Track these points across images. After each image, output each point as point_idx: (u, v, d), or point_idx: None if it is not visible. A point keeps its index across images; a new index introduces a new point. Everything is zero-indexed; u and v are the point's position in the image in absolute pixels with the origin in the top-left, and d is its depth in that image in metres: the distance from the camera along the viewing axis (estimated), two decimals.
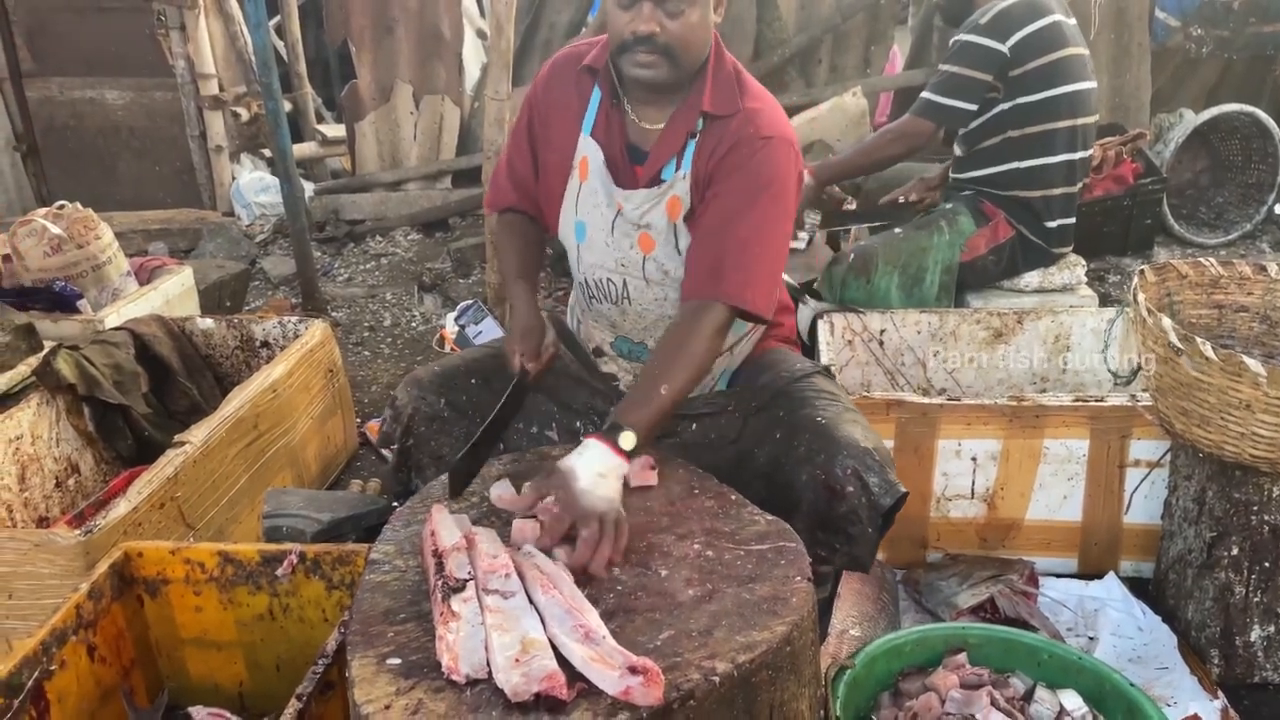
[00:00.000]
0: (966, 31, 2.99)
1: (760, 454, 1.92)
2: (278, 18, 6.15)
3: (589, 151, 1.96)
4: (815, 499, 1.79)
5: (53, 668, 1.62)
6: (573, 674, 1.25)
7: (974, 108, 3.01)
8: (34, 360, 2.61)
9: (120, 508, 2.04)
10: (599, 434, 1.64)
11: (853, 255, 3.15)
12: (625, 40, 1.81)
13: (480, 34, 6.73)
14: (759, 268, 1.82)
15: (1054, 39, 2.96)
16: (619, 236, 1.96)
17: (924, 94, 3.07)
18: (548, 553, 1.51)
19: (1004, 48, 2.92)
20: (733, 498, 1.72)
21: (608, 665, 1.23)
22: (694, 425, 2.01)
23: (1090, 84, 3.06)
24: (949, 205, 3.19)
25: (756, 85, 1.95)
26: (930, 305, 3.11)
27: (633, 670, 1.21)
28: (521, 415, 2.03)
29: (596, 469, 1.58)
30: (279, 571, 1.84)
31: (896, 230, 3.21)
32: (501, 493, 1.69)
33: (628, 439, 1.62)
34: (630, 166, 1.95)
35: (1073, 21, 3.04)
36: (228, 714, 1.77)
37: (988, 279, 3.22)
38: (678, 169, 1.90)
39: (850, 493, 1.77)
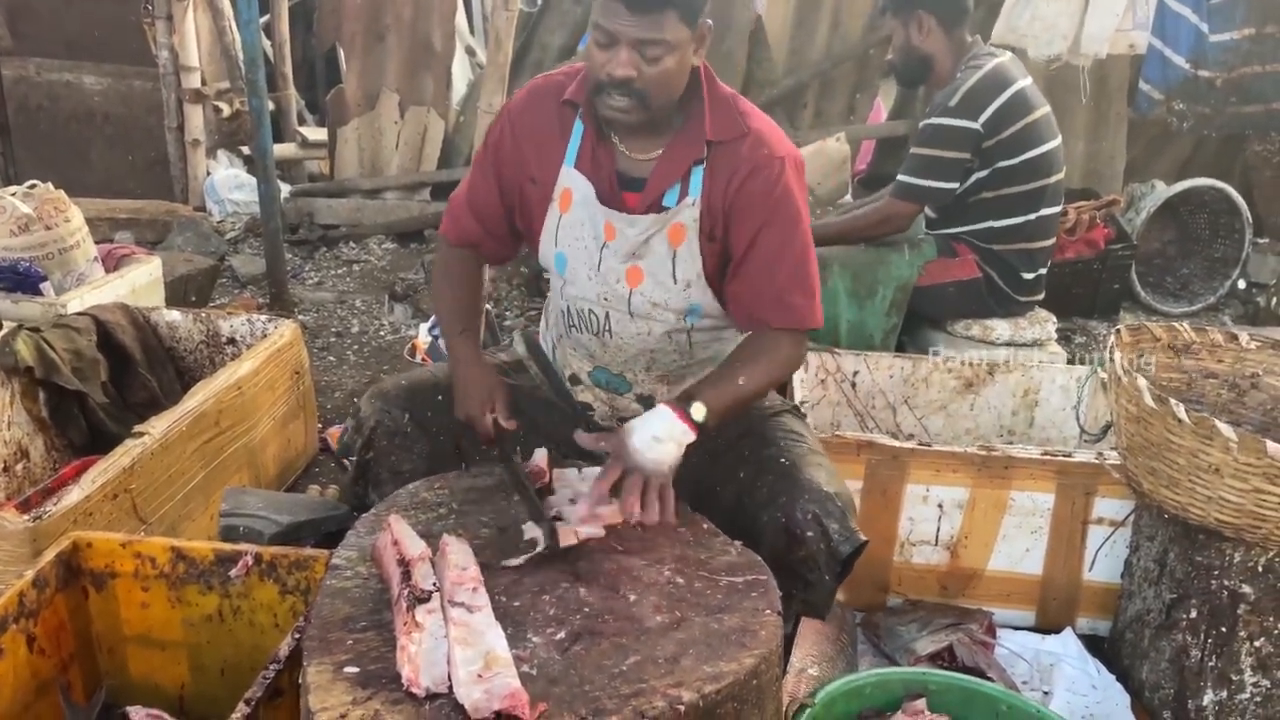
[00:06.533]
0: (936, 115, 3.02)
1: (724, 492, 1.90)
2: (266, 17, 6.11)
3: (573, 183, 1.91)
4: (775, 542, 1.76)
5: None
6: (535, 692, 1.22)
7: (955, 185, 3.04)
8: None
9: (72, 495, 1.98)
10: (670, 401, 1.78)
11: None
12: (601, 81, 1.76)
13: (468, 50, 6.74)
14: (813, 287, 1.92)
15: (1022, 105, 3.01)
16: (604, 271, 1.92)
17: (901, 177, 3.07)
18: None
19: (977, 125, 2.96)
20: (705, 526, 1.70)
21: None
22: None
23: (1057, 141, 3.12)
24: (920, 236, 3.22)
25: (752, 106, 1.93)
26: (880, 319, 3.16)
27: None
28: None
29: (654, 432, 1.72)
30: (233, 572, 1.79)
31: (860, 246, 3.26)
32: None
33: (698, 410, 1.74)
34: (620, 194, 1.91)
35: (1031, 82, 3.09)
36: (166, 716, 1.70)
37: (946, 311, 3.24)
38: (683, 196, 1.87)
39: (810, 538, 1.75)
